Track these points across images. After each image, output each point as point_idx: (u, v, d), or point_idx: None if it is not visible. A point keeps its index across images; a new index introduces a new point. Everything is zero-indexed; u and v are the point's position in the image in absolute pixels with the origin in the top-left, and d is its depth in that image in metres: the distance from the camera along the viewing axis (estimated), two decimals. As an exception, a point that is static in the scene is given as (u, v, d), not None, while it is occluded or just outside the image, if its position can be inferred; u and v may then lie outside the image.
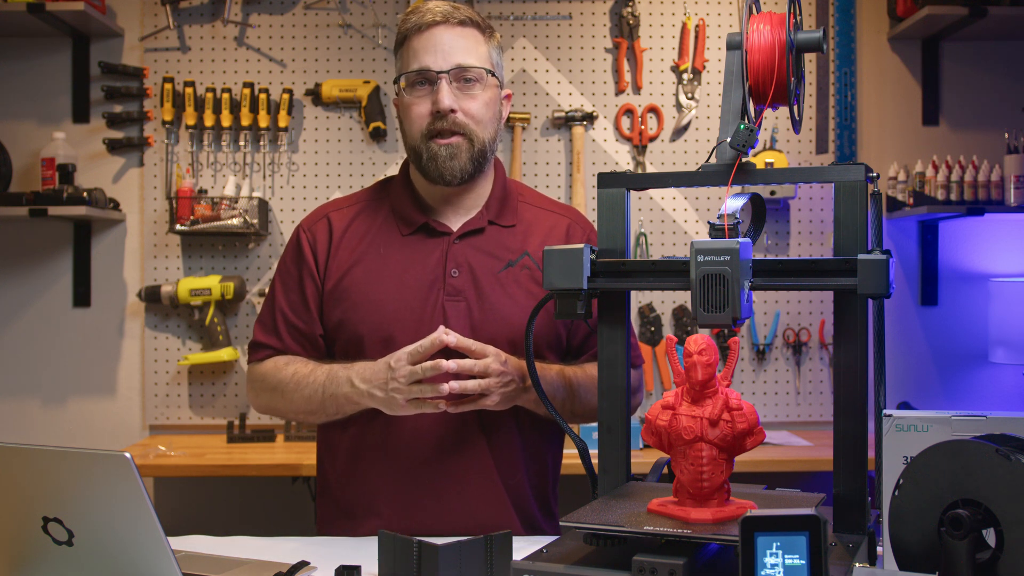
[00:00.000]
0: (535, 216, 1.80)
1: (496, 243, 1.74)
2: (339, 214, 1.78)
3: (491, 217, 1.75)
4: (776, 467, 2.83)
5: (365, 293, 1.70)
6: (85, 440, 3.22)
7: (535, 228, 1.77)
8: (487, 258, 1.72)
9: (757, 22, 1.28)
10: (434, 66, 1.66)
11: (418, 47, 1.67)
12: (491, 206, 1.76)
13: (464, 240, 1.73)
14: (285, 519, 3.21)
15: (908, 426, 1.23)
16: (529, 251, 1.73)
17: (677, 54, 3.28)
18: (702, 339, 1.19)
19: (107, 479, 1.10)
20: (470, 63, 1.67)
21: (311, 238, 1.77)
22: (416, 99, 1.68)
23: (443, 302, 1.69)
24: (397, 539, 1.32)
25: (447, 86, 1.65)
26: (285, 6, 3.26)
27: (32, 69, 3.25)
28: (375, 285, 1.71)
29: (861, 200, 1.24)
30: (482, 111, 1.68)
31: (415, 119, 1.68)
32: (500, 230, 1.75)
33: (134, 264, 3.27)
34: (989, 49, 3.32)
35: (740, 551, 0.97)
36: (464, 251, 1.72)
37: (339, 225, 1.76)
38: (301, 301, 1.75)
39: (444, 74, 1.65)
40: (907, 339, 3.31)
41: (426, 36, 1.67)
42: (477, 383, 1.57)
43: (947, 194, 3.11)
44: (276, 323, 1.77)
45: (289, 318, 1.76)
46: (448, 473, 1.68)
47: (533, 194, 1.86)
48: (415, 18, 1.69)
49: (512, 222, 1.77)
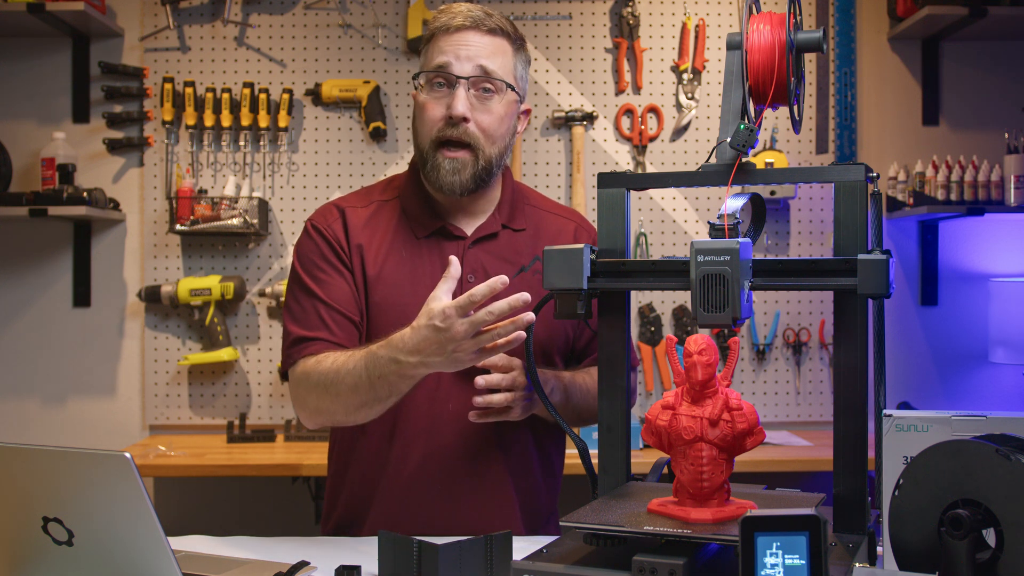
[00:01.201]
0: (542, 219, 1.79)
1: (509, 247, 1.73)
2: (354, 212, 1.73)
3: (503, 221, 1.74)
4: (776, 467, 2.83)
5: (389, 296, 1.67)
6: (85, 440, 3.22)
7: (543, 231, 1.77)
8: (501, 263, 1.71)
9: (757, 22, 1.28)
10: (455, 69, 1.63)
11: (444, 46, 1.64)
12: (503, 210, 1.75)
13: (478, 245, 1.72)
14: (285, 519, 3.21)
15: (908, 426, 1.23)
16: (539, 255, 1.72)
17: (677, 54, 3.28)
18: (702, 339, 1.19)
19: (107, 479, 1.10)
20: (493, 70, 1.64)
21: (332, 234, 1.70)
22: (432, 99, 1.65)
23: None
24: (397, 539, 1.32)
25: (464, 92, 1.63)
26: (285, 6, 3.26)
27: (32, 69, 3.25)
28: (396, 290, 1.68)
29: (861, 200, 1.24)
30: (495, 126, 1.65)
31: (427, 121, 1.66)
32: (512, 234, 1.75)
33: (134, 264, 3.27)
34: (989, 49, 3.32)
35: (740, 551, 0.97)
36: (479, 256, 1.71)
37: (355, 222, 1.71)
38: (342, 290, 1.67)
39: (463, 80, 1.63)
40: (907, 339, 3.31)
41: (454, 37, 1.64)
42: (504, 397, 1.55)
43: (947, 194, 3.11)
44: (320, 315, 1.66)
45: (334, 307, 1.66)
46: (462, 479, 1.67)
47: (536, 196, 1.86)
48: (445, 17, 1.66)
49: (523, 226, 1.76)
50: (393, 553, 1.33)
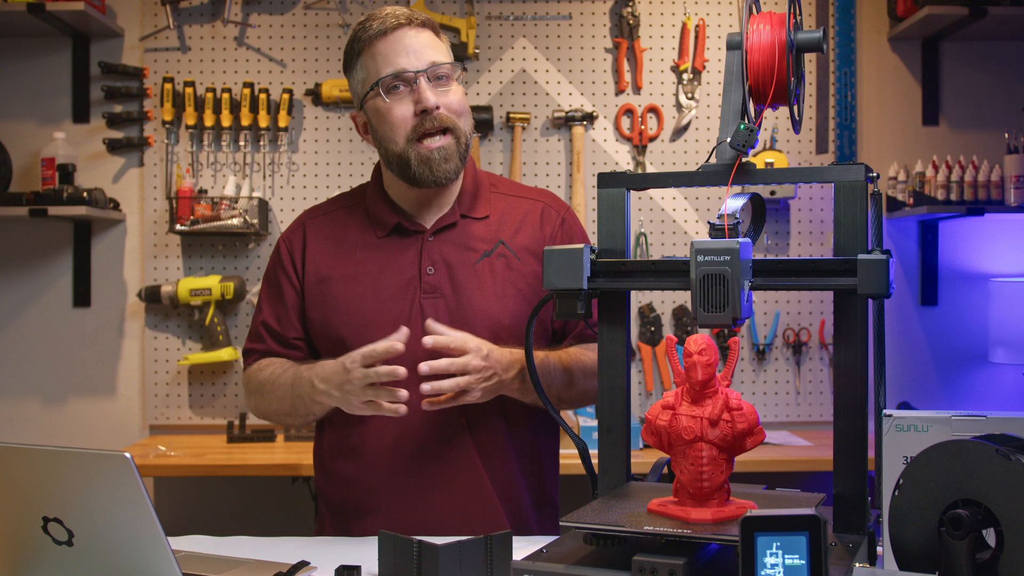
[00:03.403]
0: (508, 204, 1.80)
1: (470, 235, 1.75)
2: (314, 221, 1.82)
3: (463, 211, 1.77)
4: (776, 467, 2.83)
5: (343, 296, 1.73)
6: (85, 440, 3.22)
7: (508, 216, 1.78)
8: (462, 252, 1.73)
9: (757, 22, 1.28)
10: (410, 67, 1.66)
11: (387, 51, 1.67)
12: (463, 200, 1.77)
13: (438, 236, 1.74)
14: (285, 519, 3.21)
15: (908, 426, 1.23)
16: (504, 239, 1.75)
17: (677, 54, 3.28)
18: (702, 339, 1.19)
19: (107, 479, 1.11)
20: (441, 60, 1.69)
21: (289, 246, 1.81)
22: (395, 103, 1.67)
23: (420, 300, 1.70)
24: (397, 539, 1.33)
25: (426, 84, 1.66)
26: (285, 6, 3.26)
27: (32, 69, 3.25)
28: (353, 288, 1.73)
29: (861, 200, 1.24)
30: (461, 104, 1.71)
31: (397, 123, 1.67)
32: (472, 222, 1.77)
33: (134, 264, 3.27)
34: (989, 49, 3.32)
35: (740, 551, 0.97)
36: (438, 247, 1.73)
37: (314, 232, 1.80)
38: (281, 306, 1.79)
39: (422, 73, 1.66)
40: (907, 339, 3.31)
41: (393, 39, 1.67)
42: (455, 382, 1.57)
43: (947, 194, 3.11)
44: (259, 329, 1.82)
45: (269, 323, 1.81)
46: (433, 470, 1.69)
47: (507, 183, 1.87)
48: (377, 24, 1.68)
49: (485, 213, 1.78)
50: (393, 553, 1.33)
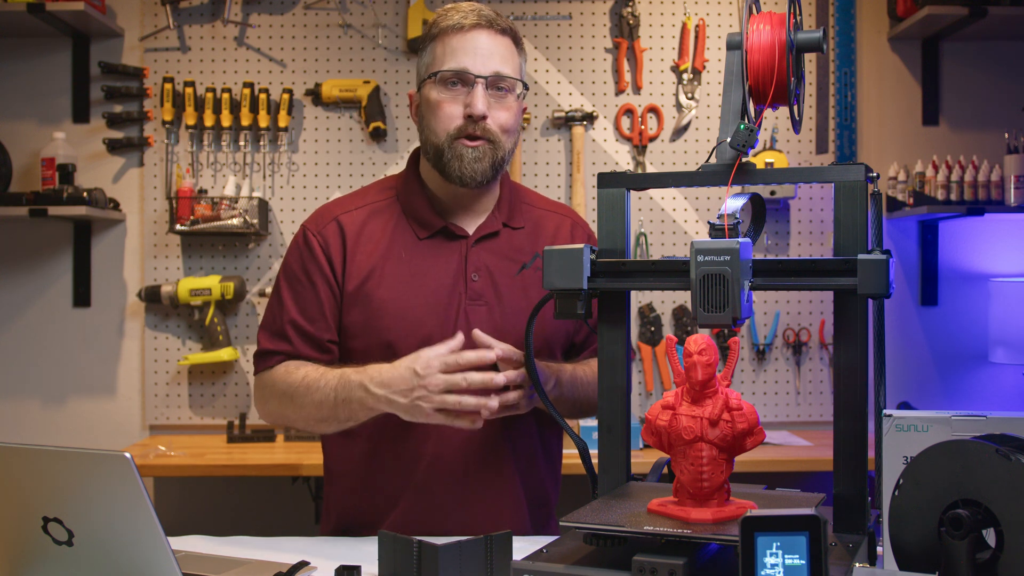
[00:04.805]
0: (539, 217, 1.80)
1: (510, 246, 1.74)
2: (349, 216, 1.73)
3: (504, 220, 1.75)
4: (776, 467, 2.83)
5: (390, 298, 1.67)
6: (85, 440, 3.22)
7: (542, 229, 1.78)
8: (503, 261, 1.72)
9: (757, 22, 1.28)
10: (473, 69, 1.64)
11: (457, 46, 1.65)
12: (502, 208, 1.76)
13: (481, 244, 1.72)
14: (285, 519, 3.21)
15: (908, 426, 1.23)
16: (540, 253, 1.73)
17: (677, 54, 3.28)
18: (702, 339, 1.19)
19: (107, 479, 1.10)
20: (507, 73, 1.66)
21: (322, 241, 1.71)
22: (448, 98, 1.65)
23: (465, 306, 1.68)
24: (397, 539, 1.32)
25: (483, 91, 1.64)
26: (285, 6, 3.26)
27: (32, 69, 3.25)
28: (400, 290, 1.68)
29: (861, 200, 1.24)
30: (511, 122, 1.68)
31: (444, 118, 1.65)
32: (512, 232, 1.76)
33: (134, 264, 3.27)
34: (989, 49, 3.32)
35: (740, 551, 0.97)
36: (481, 255, 1.71)
37: (351, 228, 1.71)
38: (315, 305, 1.69)
39: (482, 79, 1.64)
40: (907, 339, 3.31)
41: (468, 37, 1.65)
42: (518, 394, 1.55)
43: (947, 194, 3.11)
44: (285, 328, 1.70)
45: (299, 323, 1.69)
46: (472, 479, 1.68)
47: (531, 194, 1.86)
48: (456, 16, 1.66)
49: (521, 224, 1.77)
50: (393, 553, 1.33)
